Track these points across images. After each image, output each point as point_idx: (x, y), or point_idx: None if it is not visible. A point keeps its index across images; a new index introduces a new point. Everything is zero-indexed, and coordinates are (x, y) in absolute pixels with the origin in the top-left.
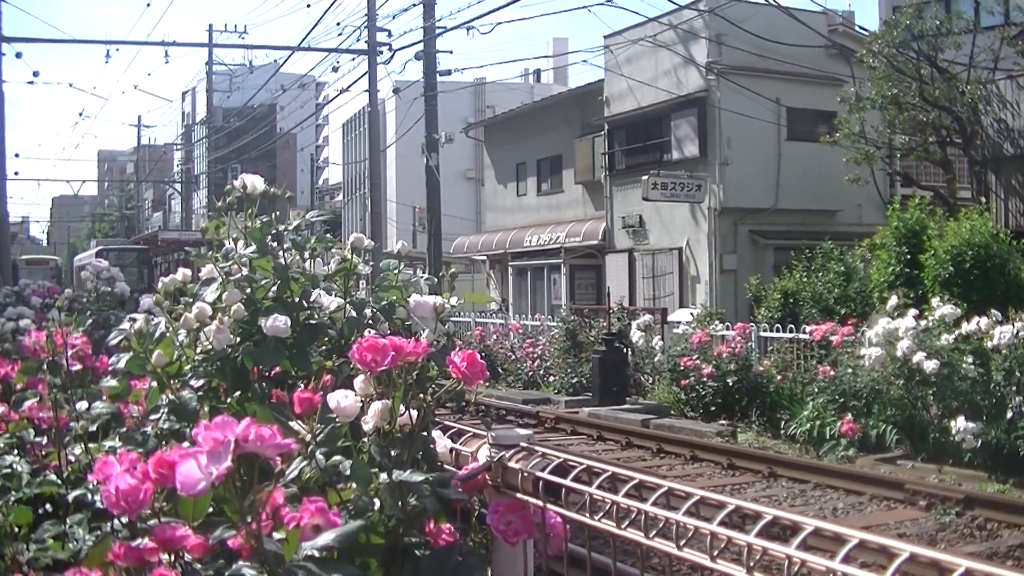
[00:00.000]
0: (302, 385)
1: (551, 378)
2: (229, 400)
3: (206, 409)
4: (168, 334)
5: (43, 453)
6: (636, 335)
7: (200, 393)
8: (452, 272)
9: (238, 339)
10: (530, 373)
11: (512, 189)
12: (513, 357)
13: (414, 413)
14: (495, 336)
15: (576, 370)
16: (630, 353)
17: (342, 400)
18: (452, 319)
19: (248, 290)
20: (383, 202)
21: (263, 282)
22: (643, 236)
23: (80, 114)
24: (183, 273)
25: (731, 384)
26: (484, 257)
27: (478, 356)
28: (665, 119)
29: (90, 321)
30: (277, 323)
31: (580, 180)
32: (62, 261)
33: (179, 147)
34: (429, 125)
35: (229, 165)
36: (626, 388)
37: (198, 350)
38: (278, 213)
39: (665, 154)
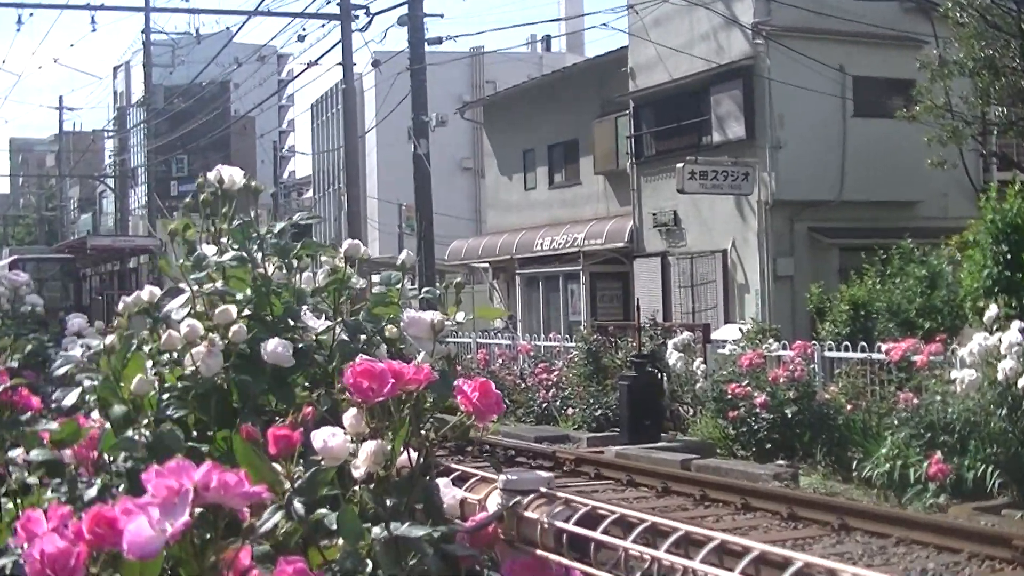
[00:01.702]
0: (280, 420)
1: (569, 410)
2: (214, 437)
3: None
4: (137, 358)
5: None
6: (672, 357)
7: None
8: (457, 283)
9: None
10: (544, 404)
11: (518, 182)
12: (523, 385)
13: (414, 454)
14: (501, 360)
15: (600, 400)
16: (665, 379)
17: (329, 439)
18: (449, 339)
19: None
20: (362, 199)
21: (239, 297)
22: (678, 236)
23: None
24: (150, 291)
25: (790, 416)
26: (486, 264)
27: (492, 385)
28: (703, 94)
29: (29, 347)
30: (279, 349)
31: (601, 170)
32: None
33: (111, 134)
34: (417, 105)
35: (173, 156)
36: (661, 422)
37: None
38: (257, 214)
39: (704, 136)
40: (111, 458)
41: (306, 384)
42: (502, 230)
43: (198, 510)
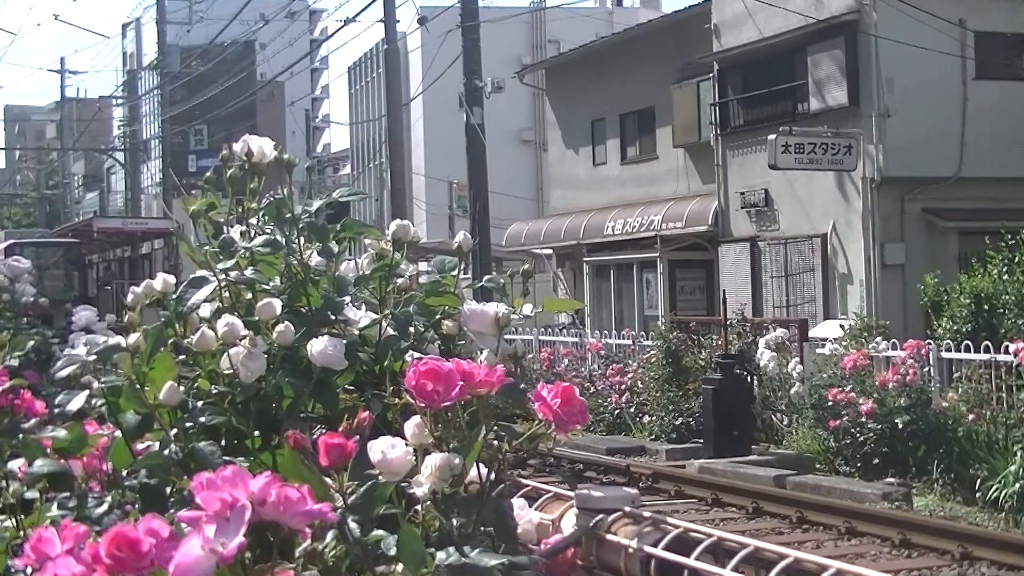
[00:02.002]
0: (321, 428)
1: (646, 418)
2: (252, 449)
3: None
4: (165, 359)
5: None
6: (764, 357)
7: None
8: (525, 270)
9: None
10: (616, 411)
11: (586, 156)
12: (592, 390)
13: (483, 468)
14: (567, 360)
15: (680, 407)
16: (756, 383)
17: (388, 451)
18: (508, 336)
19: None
20: (407, 176)
21: (269, 286)
22: (770, 219)
23: None
24: (163, 280)
25: (901, 427)
26: (549, 251)
27: (576, 391)
28: (799, 54)
29: (31, 344)
30: (329, 350)
31: (680, 142)
32: None
33: (120, 101)
34: (469, 68)
35: (191, 127)
36: (751, 432)
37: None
38: (291, 191)
39: (800, 103)
40: (124, 471)
41: (348, 386)
42: (567, 211)
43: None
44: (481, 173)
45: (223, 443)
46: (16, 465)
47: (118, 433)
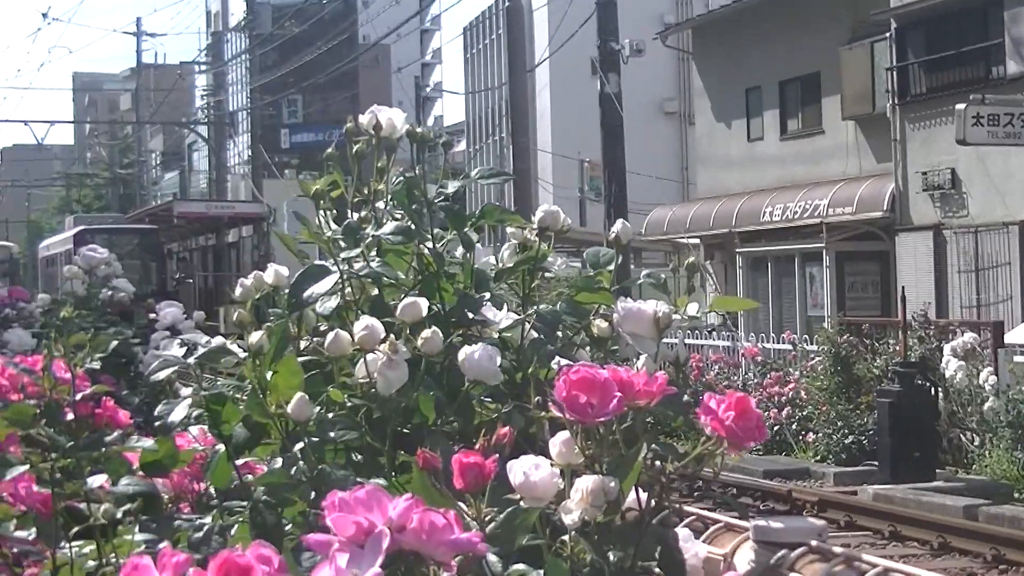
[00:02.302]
0: (457, 445)
1: (810, 435)
2: (386, 469)
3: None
4: (289, 363)
5: (25, 558)
6: (951, 366)
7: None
8: (690, 262)
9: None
10: (775, 427)
11: (739, 130)
12: None
13: (644, 493)
14: (717, 367)
15: (851, 423)
16: (941, 396)
17: (532, 472)
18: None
19: (375, 293)
20: (531, 153)
21: (398, 280)
22: (958, 204)
23: (44, 16)
24: (275, 271)
25: None
26: (695, 240)
27: (752, 403)
28: (993, 8)
29: (114, 343)
30: (484, 361)
31: (850, 114)
32: (18, 248)
33: (203, 68)
34: (604, 28)
35: (284, 97)
36: (935, 454)
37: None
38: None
39: (994, 67)
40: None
41: (484, 397)
42: (717, 195)
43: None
44: (617, 150)
45: (348, 462)
46: (97, 483)
47: (219, 447)
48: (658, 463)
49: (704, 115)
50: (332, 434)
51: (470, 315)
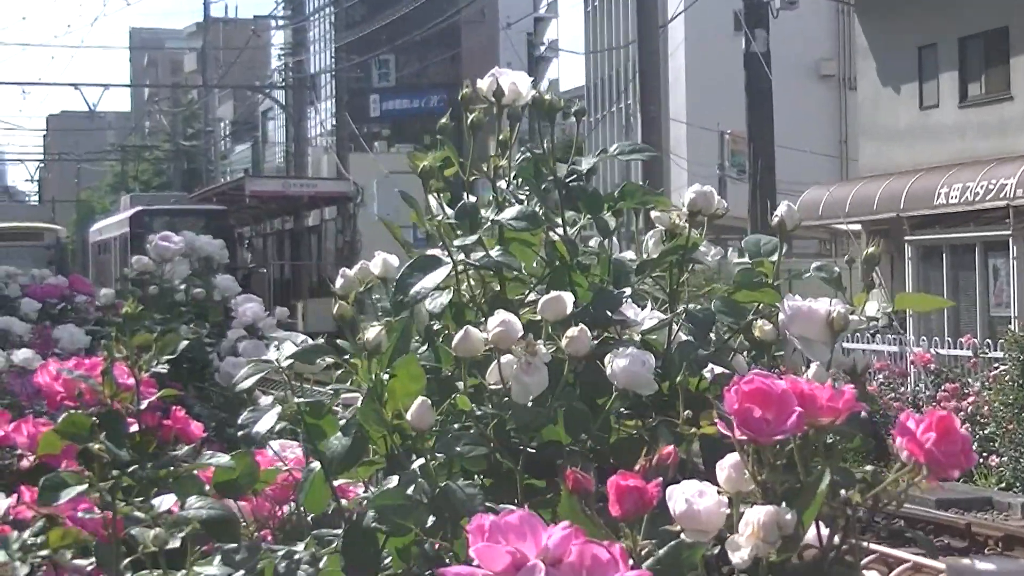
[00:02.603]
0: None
1: (993, 459)
2: (518, 492)
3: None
4: (410, 365)
5: None
6: None
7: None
8: (870, 253)
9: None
10: None
11: (910, 96)
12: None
13: (825, 528)
14: (881, 375)
15: None
16: None
17: (695, 499)
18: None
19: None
20: (663, 123)
21: (524, 273)
22: None
23: None
24: (383, 260)
25: None
26: (856, 226)
27: (956, 423)
28: None
29: (183, 344)
30: (637, 367)
31: None
32: (65, 232)
33: (280, 24)
34: None
35: (374, 57)
36: None
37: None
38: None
39: None
40: (308, 515)
41: (624, 410)
42: (882, 173)
43: None
44: (765, 120)
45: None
46: (165, 504)
47: (315, 465)
48: (843, 492)
49: (868, 78)
50: (458, 449)
51: (608, 314)
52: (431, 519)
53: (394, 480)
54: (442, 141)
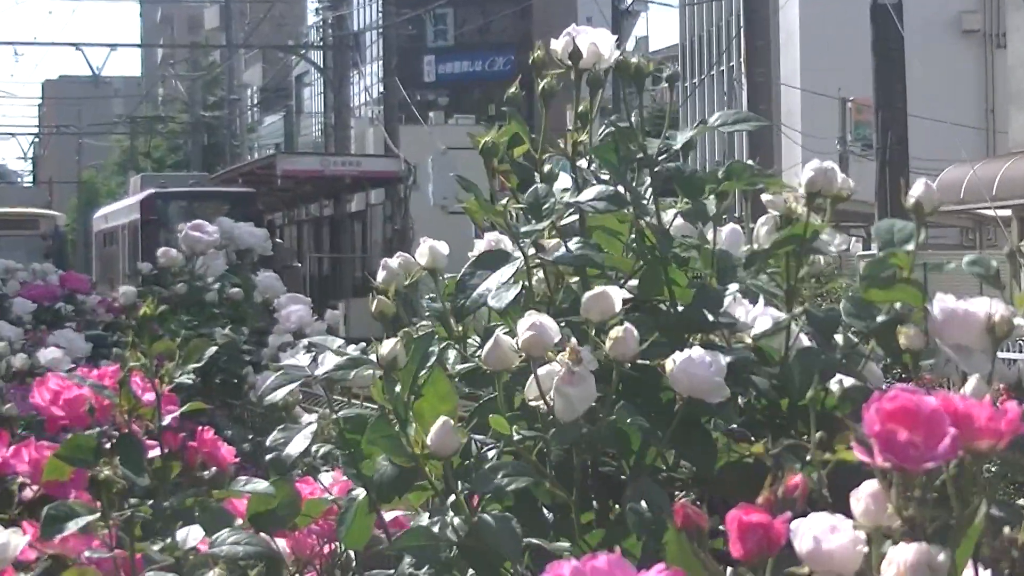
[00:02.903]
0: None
1: None
2: (573, 527)
3: None
4: (438, 382)
5: None
6: None
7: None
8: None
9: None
10: None
11: None
12: None
13: (984, 571)
14: None
15: None
16: None
17: (826, 536)
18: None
19: (575, 281)
20: (772, 88)
21: (608, 267)
22: None
23: None
24: (430, 249)
25: None
26: (1006, 212)
27: None
28: None
29: (211, 350)
30: (698, 369)
31: None
32: (65, 219)
33: None
34: None
35: (428, 11)
36: None
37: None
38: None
39: None
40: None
41: (736, 427)
42: None
43: None
44: (895, 85)
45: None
46: (191, 540)
47: (357, 493)
48: (1006, 530)
49: (1020, 34)
50: (500, 478)
51: (710, 315)
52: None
53: (424, 519)
54: (509, 113)
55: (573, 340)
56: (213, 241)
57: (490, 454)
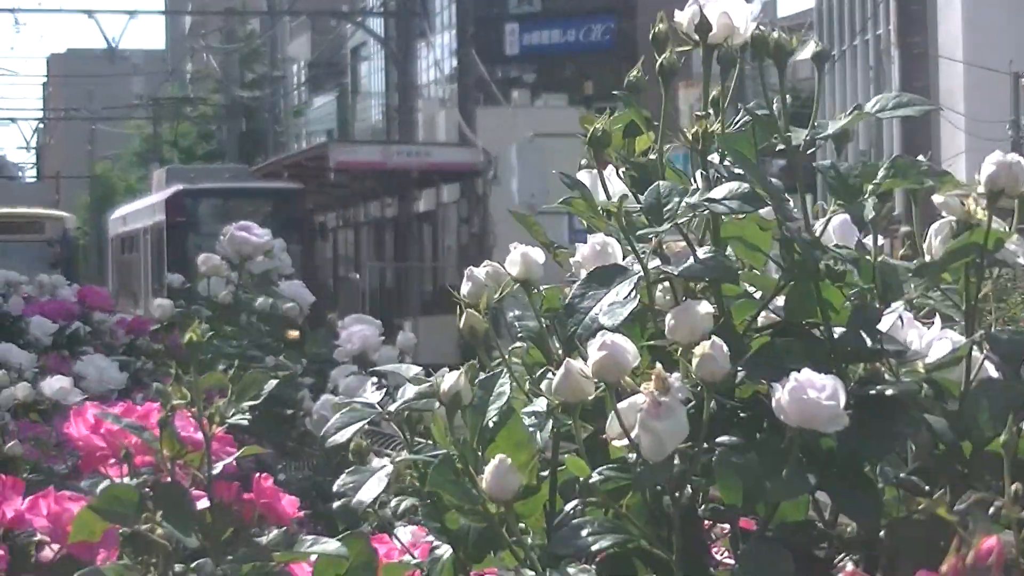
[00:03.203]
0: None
1: None
2: None
3: None
4: (514, 428)
5: None
6: None
7: None
8: None
9: None
10: None
11: None
12: None
13: None
14: None
15: None
16: None
17: None
18: None
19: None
20: (930, 62)
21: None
22: None
23: None
24: (522, 256)
25: None
26: None
27: None
28: None
29: (271, 384)
30: (809, 390)
31: None
32: (75, 221)
33: None
34: None
35: None
36: None
37: None
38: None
39: None
40: None
41: (908, 475)
42: None
43: None
44: None
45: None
46: None
47: (442, 552)
48: None
49: None
50: (584, 537)
51: (867, 339)
52: None
53: None
54: (624, 97)
55: (658, 365)
56: (263, 245)
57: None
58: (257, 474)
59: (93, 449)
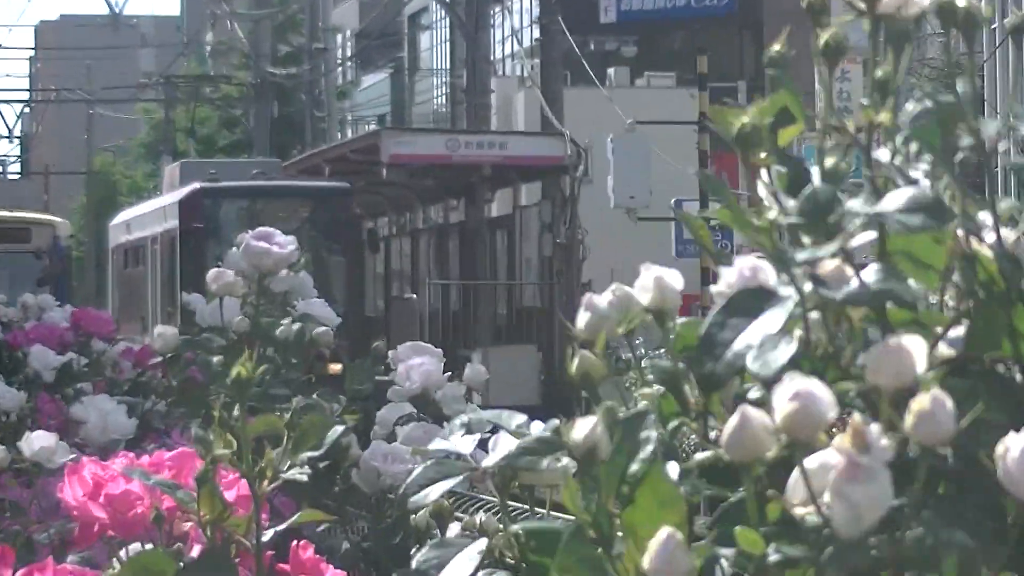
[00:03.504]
0: None
1: None
2: None
3: None
4: (656, 483)
5: None
6: None
7: None
8: None
9: None
10: None
11: None
12: None
13: None
14: None
15: None
16: None
17: None
18: None
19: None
20: None
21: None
22: None
23: None
24: (656, 278)
25: None
26: None
27: None
28: None
29: (338, 429)
30: None
31: None
32: (69, 228)
33: None
34: None
35: None
36: None
37: None
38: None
39: None
40: None
41: None
42: None
43: None
44: None
45: None
46: None
47: None
48: None
49: None
50: None
51: None
52: None
53: None
54: (773, 80)
55: (856, 416)
56: (287, 256)
57: None
58: (295, 541)
59: (90, 519)
